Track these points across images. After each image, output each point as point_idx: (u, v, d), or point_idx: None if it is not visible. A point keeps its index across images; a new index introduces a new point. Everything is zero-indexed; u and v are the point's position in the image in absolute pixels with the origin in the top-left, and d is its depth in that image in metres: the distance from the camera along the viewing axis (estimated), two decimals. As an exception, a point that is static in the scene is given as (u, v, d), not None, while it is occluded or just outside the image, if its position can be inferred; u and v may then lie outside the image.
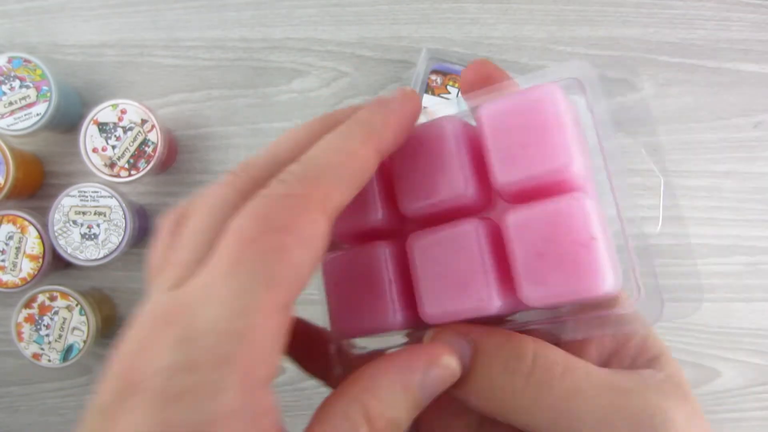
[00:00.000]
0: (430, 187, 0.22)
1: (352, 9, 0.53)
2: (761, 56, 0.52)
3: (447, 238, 0.22)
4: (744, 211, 0.52)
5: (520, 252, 0.20)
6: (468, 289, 0.21)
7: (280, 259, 0.17)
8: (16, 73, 0.47)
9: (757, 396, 0.53)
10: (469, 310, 0.21)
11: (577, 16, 0.52)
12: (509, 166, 0.21)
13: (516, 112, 0.21)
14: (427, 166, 0.22)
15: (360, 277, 0.23)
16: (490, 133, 0.21)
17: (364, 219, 0.23)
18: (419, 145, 0.22)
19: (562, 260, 0.20)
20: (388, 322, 0.22)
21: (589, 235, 0.20)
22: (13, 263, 0.47)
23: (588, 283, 0.19)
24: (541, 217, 0.20)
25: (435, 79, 0.51)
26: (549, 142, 0.21)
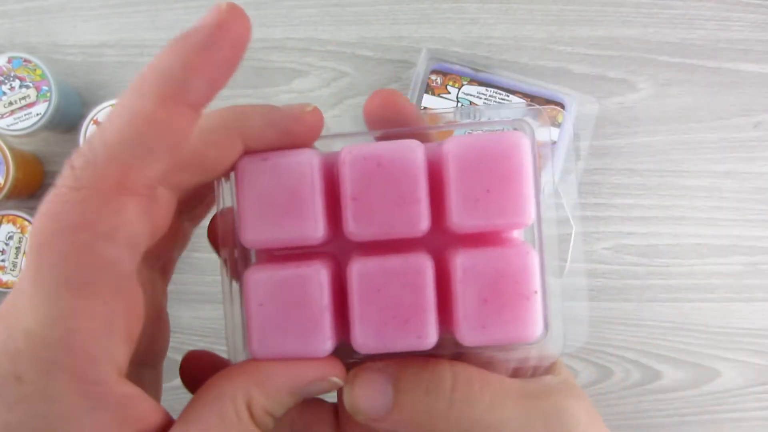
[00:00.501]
0: (386, 215, 0.21)
1: (352, 9, 0.53)
2: (761, 56, 0.52)
3: (395, 271, 0.21)
4: (744, 211, 0.52)
5: (465, 295, 0.21)
6: (408, 324, 0.21)
7: (82, 260, 0.16)
8: (16, 73, 0.47)
9: (757, 396, 0.53)
10: (404, 345, 0.21)
11: (577, 16, 0.52)
12: (469, 208, 0.21)
13: (483, 155, 0.21)
14: (387, 193, 0.21)
15: (290, 298, 0.21)
16: (453, 171, 0.21)
17: (301, 234, 0.21)
18: (380, 167, 0.21)
19: (504, 309, 0.21)
20: (316, 349, 0.21)
21: (533, 289, 0.21)
22: (13, 263, 0.47)
23: (523, 332, 0.21)
24: (490, 266, 0.21)
25: (435, 79, 0.51)
26: (513, 194, 0.21)
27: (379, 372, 0.22)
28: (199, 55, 0.17)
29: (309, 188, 0.21)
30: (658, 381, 0.53)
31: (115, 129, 0.17)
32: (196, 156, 0.20)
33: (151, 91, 0.17)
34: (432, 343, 0.21)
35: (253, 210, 0.21)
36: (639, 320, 0.52)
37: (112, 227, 0.17)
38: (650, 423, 0.53)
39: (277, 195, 0.21)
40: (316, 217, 0.21)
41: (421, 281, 0.21)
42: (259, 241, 0.22)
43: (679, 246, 0.52)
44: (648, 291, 0.52)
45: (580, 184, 0.52)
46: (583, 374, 0.52)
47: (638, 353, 0.52)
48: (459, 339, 0.21)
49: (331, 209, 0.22)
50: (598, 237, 0.52)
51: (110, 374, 0.17)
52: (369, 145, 0.22)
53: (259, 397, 0.20)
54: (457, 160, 0.21)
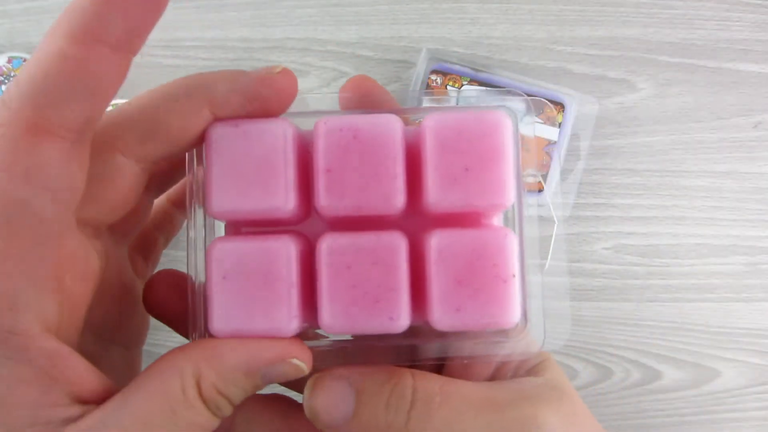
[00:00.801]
0: (360, 190, 0.20)
1: (352, 9, 0.53)
2: (761, 56, 0.52)
3: (367, 248, 0.20)
4: (744, 211, 0.52)
5: (440, 276, 0.20)
6: (378, 304, 0.20)
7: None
8: (16, 73, 0.47)
9: (757, 396, 0.53)
10: (375, 327, 0.20)
11: (577, 16, 0.52)
12: (446, 187, 0.20)
13: (463, 132, 0.20)
14: (362, 166, 0.20)
15: (255, 273, 0.20)
16: (432, 146, 0.20)
17: (269, 205, 0.20)
18: (356, 139, 0.20)
19: (479, 291, 0.20)
20: (280, 328, 0.20)
21: (511, 273, 0.20)
22: (13, 263, 0.47)
23: (500, 317, 0.20)
24: (467, 246, 0.20)
25: (435, 79, 0.51)
26: (492, 174, 0.20)
27: (342, 379, 0.21)
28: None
29: (281, 157, 0.20)
30: (658, 381, 0.53)
31: (28, 70, 0.16)
32: (160, 124, 0.19)
33: (62, 30, 0.16)
34: (404, 325, 0.20)
35: (220, 178, 0.20)
36: (639, 320, 0.52)
37: (26, 168, 0.16)
38: (650, 423, 0.53)
39: (247, 163, 0.20)
40: (287, 187, 0.20)
41: (393, 259, 0.20)
42: (226, 211, 0.21)
43: (679, 246, 0.52)
44: (648, 291, 0.52)
45: (580, 184, 0.52)
46: (583, 374, 0.52)
47: (638, 353, 0.52)
48: (432, 323, 0.20)
49: (305, 184, 0.21)
50: (598, 237, 0.52)
51: (32, 324, 0.16)
52: (346, 117, 0.21)
53: (209, 373, 0.18)
54: (435, 136, 0.20)
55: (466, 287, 0.20)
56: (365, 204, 0.20)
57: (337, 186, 0.20)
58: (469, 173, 0.20)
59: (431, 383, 0.21)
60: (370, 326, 0.20)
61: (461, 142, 0.20)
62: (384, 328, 0.20)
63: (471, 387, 0.21)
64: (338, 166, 0.20)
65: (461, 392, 0.21)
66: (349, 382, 0.21)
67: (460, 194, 0.20)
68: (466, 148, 0.20)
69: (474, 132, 0.20)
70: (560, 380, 0.23)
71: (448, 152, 0.20)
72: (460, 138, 0.20)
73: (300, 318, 0.20)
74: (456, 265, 0.20)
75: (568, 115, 0.51)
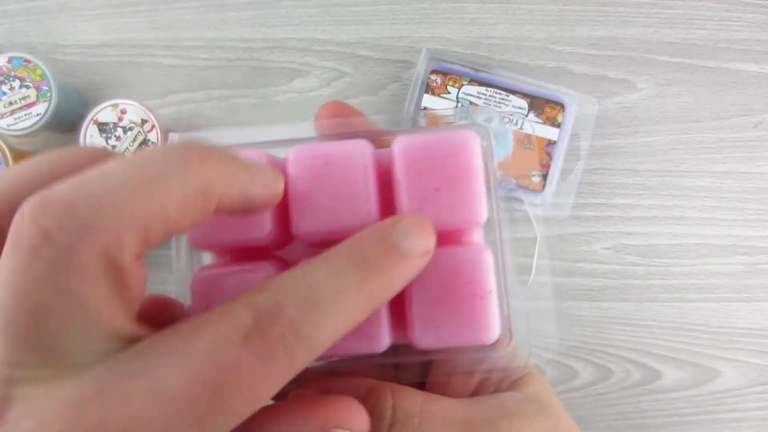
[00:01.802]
0: (334, 213, 0.21)
1: (352, 9, 0.53)
2: (761, 56, 0.52)
3: None
4: (744, 211, 0.52)
5: (418, 296, 0.20)
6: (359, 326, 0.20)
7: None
8: (16, 73, 0.47)
9: (757, 396, 0.53)
10: (356, 348, 0.20)
11: (577, 16, 0.52)
12: (418, 208, 0.20)
13: (432, 153, 0.21)
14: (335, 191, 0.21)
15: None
16: (403, 168, 0.21)
17: (247, 233, 0.21)
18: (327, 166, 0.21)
19: (457, 309, 0.20)
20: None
21: (487, 289, 0.20)
22: (13, 263, 0.47)
23: (478, 334, 0.20)
24: (443, 265, 0.20)
25: (435, 79, 0.51)
26: (462, 192, 0.20)
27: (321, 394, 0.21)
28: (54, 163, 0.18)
29: None
30: (658, 381, 0.53)
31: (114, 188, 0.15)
32: (171, 226, 0.18)
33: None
34: (384, 345, 0.21)
35: None
36: (639, 320, 0.52)
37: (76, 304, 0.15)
38: (650, 423, 0.53)
39: None
40: (263, 216, 0.21)
41: None
42: (206, 241, 0.21)
43: (679, 246, 0.52)
44: (648, 291, 0.52)
45: (580, 184, 0.52)
46: (583, 374, 0.52)
47: (638, 353, 0.52)
48: (413, 342, 0.21)
49: (282, 212, 0.21)
50: (598, 237, 0.52)
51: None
52: (317, 145, 0.21)
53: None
54: (405, 158, 0.21)
55: (444, 306, 0.20)
56: (339, 228, 0.20)
57: (312, 212, 0.21)
58: (439, 193, 0.20)
59: (411, 402, 0.21)
60: (352, 347, 0.20)
61: (430, 163, 0.21)
62: (365, 349, 0.20)
63: (452, 405, 0.21)
64: (312, 192, 0.21)
65: (442, 411, 0.21)
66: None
67: (432, 214, 0.20)
68: (435, 169, 0.21)
69: (442, 152, 0.21)
70: (542, 394, 0.23)
71: (418, 174, 0.21)
72: (429, 159, 0.21)
73: None
74: (432, 284, 0.20)
75: (568, 115, 0.51)
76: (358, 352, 0.21)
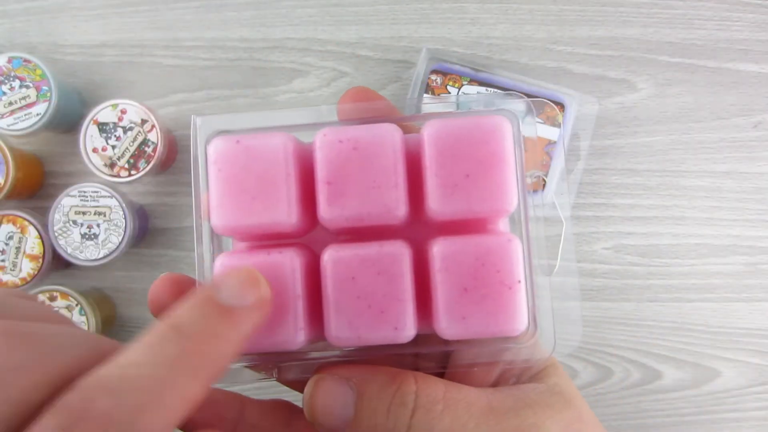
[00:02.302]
0: (361, 200, 0.20)
1: (352, 9, 0.53)
2: (761, 56, 0.52)
3: (370, 258, 0.20)
4: (744, 211, 0.52)
5: (445, 284, 0.20)
6: (384, 315, 0.20)
7: None
8: (16, 73, 0.47)
9: (757, 396, 0.53)
10: (381, 338, 0.20)
11: (577, 16, 0.52)
12: (447, 195, 0.20)
13: (462, 139, 0.20)
14: (363, 177, 0.20)
15: None
16: (432, 154, 0.20)
17: (272, 220, 0.20)
18: (356, 150, 0.20)
19: (485, 298, 0.20)
20: (287, 341, 0.20)
21: (516, 278, 0.20)
22: (13, 263, 0.47)
23: (506, 325, 0.20)
24: (472, 253, 0.20)
25: (435, 79, 0.51)
26: (493, 179, 0.20)
27: (343, 382, 0.20)
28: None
29: (282, 171, 0.20)
30: (658, 381, 0.53)
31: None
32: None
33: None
34: (410, 335, 0.20)
35: (223, 194, 0.20)
36: (639, 320, 0.52)
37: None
38: (650, 423, 0.53)
39: (249, 178, 0.20)
40: (289, 201, 0.20)
41: (397, 269, 0.20)
42: (229, 226, 0.20)
43: (679, 246, 0.52)
44: (648, 291, 0.52)
45: (580, 184, 0.52)
46: (583, 374, 0.52)
47: (638, 353, 0.52)
48: (439, 332, 0.20)
49: (308, 196, 0.21)
50: (598, 237, 0.52)
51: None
52: (345, 128, 0.21)
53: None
54: (435, 143, 0.20)
55: (472, 295, 0.20)
56: (367, 215, 0.20)
57: (339, 198, 0.20)
58: (470, 180, 0.20)
59: (434, 389, 0.21)
60: (376, 337, 0.20)
61: (461, 149, 0.20)
62: (390, 338, 0.20)
63: (474, 394, 0.21)
64: (339, 177, 0.20)
65: (464, 399, 0.20)
66: (351, 385, 0.20)
67: (462, 201, 0.20)
68: (465, 155, 0.20)
69: (473, 138, 0.20)
70: (565, 386, 0.22)
71: (448, 160, 0.20)
72: (460, 145, 0.20)
73: (306, 330, 0.20)
74: (460, 272, 0.20)
75: (568, 115, 0.51)
76: (383, 341, 0.20)
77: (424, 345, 0.22)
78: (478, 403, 0.21)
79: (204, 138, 0.22)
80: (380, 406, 0.20)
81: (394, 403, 0.20)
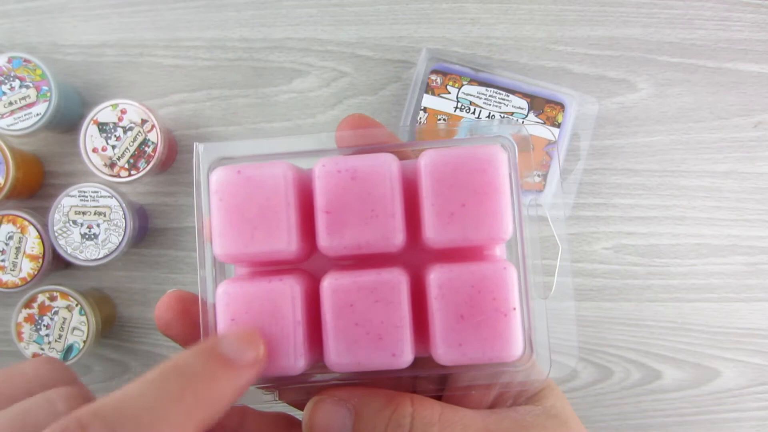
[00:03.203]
0: (359, 228, 0.21)
1: (352, 9, 0.53)
2: (761, 56, 0.52)
3: (368, 286, 0.20)
4: (744, 211, 0.52)
5: (441, 311, 0.20)
6: (382, 341, 0.20)
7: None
8: (16, 73, 0.47)
9: (757, 396, 0.53)
10: (378, 364, 0.20)
11: (577, 16, 0.52)
12: (444, 223, 0.20)
13: (458, 169, 0.21)
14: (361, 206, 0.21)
15: (261, 313, 0.21)
16: (428, 183, 0.21)
17: (273, 248, 0.21)
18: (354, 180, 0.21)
19: (481, 326, 0.20)
20: (288, 367, 0.20)
21: (511, 306, 0.20)
22: (13, 263, 0.47)
23: (502, 351, 0.20)
24: (467, 281, 0.20)
25: (435, 79, 0.51)
26: (488, 208, 0.20)
27: (341, 404, 0.21)
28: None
29: (283, 200, 0.21)
30: (658, 381, 0.53)
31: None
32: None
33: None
34: (407, 361, 0.21)
35: (225, 223, 0.21)
36: (639, 320, 0.52)
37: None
38: (650, 423, 0.53)
39: (250, 208, 0.21)
40: (289, 230, 0.21)
41: (395, 297, 0.20)
42: (231, 254, 0.21)
43: (679, 246, 0.52)
44: (648, 291, 0.52)
45: (580, 184, 0.52)
46: (583, 374, 0.52)
47: (638, 353, 0.52)
48: (435, 358, 0.21)
49: (307, 225, 0.21)
50: (598, 237, 0.52)
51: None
52: (344, 158, 0.21)
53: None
54: (431, 173, 0.21)
55: (468, 322, 0.20)
56: (365, 243, 0.21)
57: (337, 226, 0.21)
58: (466, 209, 0.20)
59: (430, 411, 0.21)
60: (374, 363, 0.20)
61: (457, 178, 0.20)
62: (387, 364, 0.20)
63: (470, 416, 0.21)
64: (338, 206, 0.21)
65: (461, 422, 0.21)
66: (348, 407, 0.21)
67: (458, 230, 0.20)
68: (461, 184, 0.20)
69: (469, 168, 0.20)
70: (561, 408, 0.23)
71: (444, 189, 0.21)
72: (456, 174, 0.21)
73: (306, 356, 0.21)
74: (456, 299, 0.20)
75: (568, 115, 0.51)
76: (381, 367, 0.21)
77: (421, 368, 0.22)
78: (474, 426, 0.21)
79: (206, 164, 0.22)
80: (377, 428, 0.21)
81: (391, 425, 0.20)
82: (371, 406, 0.21)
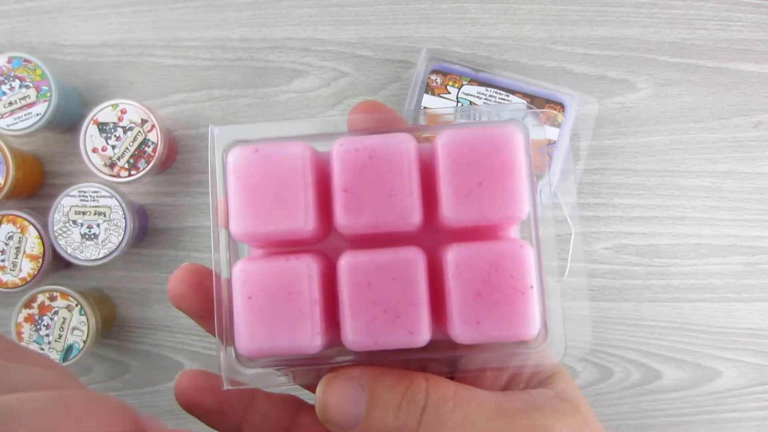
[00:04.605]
0: (376, 207, 0.21)
1: (352, 9, 0.53)
2: (761, 56, 0.52)
3: (386, 264, 0.21)
4: (743, 211, 0.52)
5: (458, 290, 0.20)
6: (399, 319, 0.20)
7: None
8: (16, 73, 0.47)
9: (757, 396, 0.53)
10: (396, 342, 0.20)
11: (577, 16, 0.52)
12: (461, 202, 0.21)
13: (475, 148, 0.21)
14: (378, 185, 0.21)
15: (278, 291, 0.21)
16: (446, 163, 0.21)
17: (290, 227, 0.21)
18: (371, 159, 0.21)
19: (498, 304, 0.20)
20: (304, 345, 0.21)
21: (528, 284, 0.20)
22: (13, 263, 0.47)
23: (519, 329, 0.20)
24: (484, 259, 0.20)
25: (435, 79, 0.51)
26: (505, 187, 0.21)
27: (354, 381, 0.21)
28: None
29: (300, 180, 0.21)
30: (658, 381, 0.53)
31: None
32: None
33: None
34: (425, 339, 0.21)
35: (242, 202, 0.21)
36: (639, 320, 0.52)
37: None
38: (650, 423, 0.53)
39: (267, 186, 0.21)
40: (306, 208, 0.21)
41: (412, 275, 0.20)
42: (248, 233, 0.21)
43: (679, 246, 0.52)
44: (648, 291, 0.52)
45: (580, 184, 0.52)
46: (583, 374, 0.52)
47: (638, 353, 0.52)
48: (453, 337, 0.21)
49: (324, 204, 0.22)
50: (598, 237, 0.52)
51: None
52: (361, 138, 0.21)
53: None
54: (448, 152, 0.21)
55: (485, 300, 0.20)
56: (382, 222, 0.21)
57: (355, 205, 0.21)
58: (483, 188, 0.21)
59: (445, 388, 0.21)
60: (392, 341, 0.20)
61: (474, 158, 0.21)
62: (405, 342, 0.20)
63: (484, 395, 0.21)
64: (355, 185, 0.21)
65: (475, 399, 0.21)
66: (362, 384, 0.21)
67: (475, 209, 0.21)
68: (478, 164, 0.21)
69: (486, 147, 0.21)
70: (572, 393, 0.23)
71: (462, 168, 0.21)
72: (473, 154, 0.21)
73: (323, 335, 0.21)
74: (473, 278, 0.20)
75: (568, 115, 0.51)
76: (399, 345, 0.21)
77: (434, 351, 0.22)
78: (488, 403, 0.21)
79: (221, 147, 0.22)
80: (391, 403, 0.21)
81: (405, 400, 0.21)
82: (385, 382, 0.21)
